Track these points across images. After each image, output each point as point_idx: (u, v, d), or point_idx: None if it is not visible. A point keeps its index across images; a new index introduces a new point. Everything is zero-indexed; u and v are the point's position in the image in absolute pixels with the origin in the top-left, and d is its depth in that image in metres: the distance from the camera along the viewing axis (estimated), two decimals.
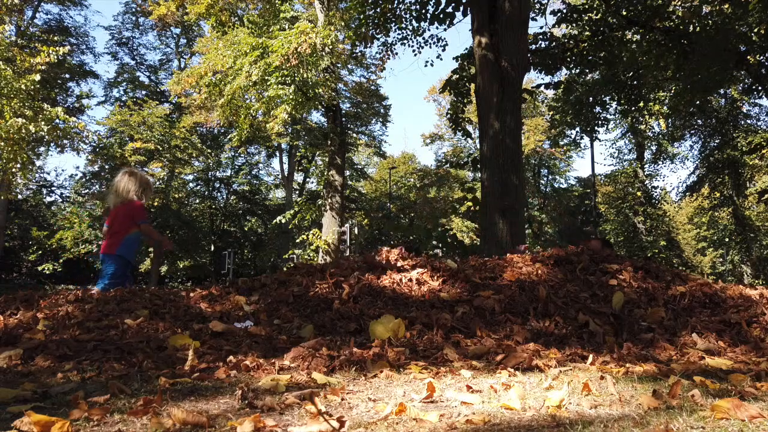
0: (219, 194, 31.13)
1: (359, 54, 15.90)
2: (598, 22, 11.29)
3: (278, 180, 33.92)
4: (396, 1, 10.54)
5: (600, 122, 14.75)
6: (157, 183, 26.22)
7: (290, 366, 2.22)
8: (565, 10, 11.74)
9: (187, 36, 28.87)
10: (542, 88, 12.93)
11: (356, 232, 21.91)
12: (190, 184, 30.40)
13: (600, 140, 29.89)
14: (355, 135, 27.54)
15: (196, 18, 17.32)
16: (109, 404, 1.58)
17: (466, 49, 11.27)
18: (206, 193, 30.50)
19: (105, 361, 2.26)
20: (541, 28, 40.80)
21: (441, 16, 10.07)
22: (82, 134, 13.86)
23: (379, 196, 34.20)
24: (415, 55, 14.08)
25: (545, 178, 36.45)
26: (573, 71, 12.18)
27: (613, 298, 3.29)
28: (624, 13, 11.16)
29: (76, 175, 28.94)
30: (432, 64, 28.43)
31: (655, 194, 28.12)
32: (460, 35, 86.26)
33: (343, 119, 22.12)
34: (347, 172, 23.81)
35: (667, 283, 3.68)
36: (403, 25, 11.12)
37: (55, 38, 21.38)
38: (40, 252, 26.01)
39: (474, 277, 3.57)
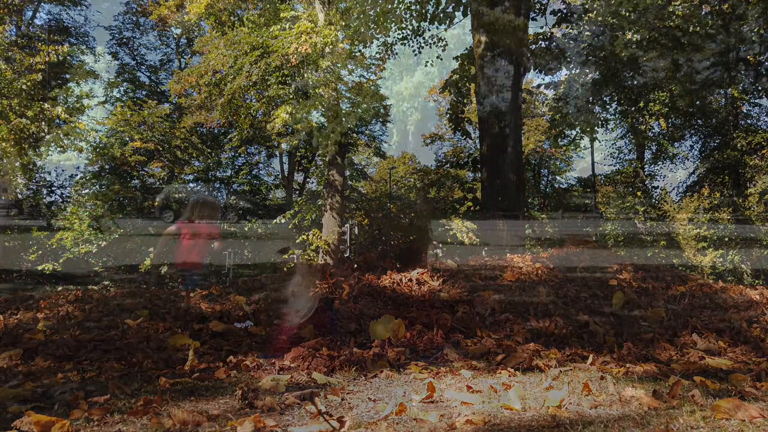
0: (219, 194, 31.10)
1: (359, 54, 15.85)
2: (598, 22, 11.28)
3: (278, 180, 33.91)
4: (396, 1, 10.53)
5: (600, 122, 14.73)
6: (157, 183, 26.18)
7: (290, 366, 2.21)
8: (565, 10, 11.74)
9: (188, 36, 28.82)
10: (542, 88, 12.91)
11: (356, 232, 21.87)
12: (191, 184, 30.36)
13: (600, 140, 29.85)
14: (355, 135, 27.48)
15: (196, 18, 17.26)
16: (109, 404, 1.58)
17: (466, 49, 11.26)
18: (206, 193, 30.45)
19: (105, 361, 2.25)
20: (542, 28, 40.68)
21: (441, 16, 10.08)
22: (83, 133, 13.84)
23: (379, 196, 34.13)
24: (415, 55, 14.08)
25: (545, 178, 36.39)
26: (573, 71, 12.18)
27: (613, 298, 3.29)
28: (624, 13, 11.15)
29: (76, 175, 28.92)
30: (432, 64, 28.30)
31: (655, 194, 28.08)
32: (460, 35, 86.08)
33: (343, 119, 22.05)
34: (347, 172, 23.75)
35: (667, 283, 3.68)
36: (403, 25, 11.11)
37: (56, 38, 21.35)
38: (40, 252, 25.97)
39: (474, 277, 3.57)
